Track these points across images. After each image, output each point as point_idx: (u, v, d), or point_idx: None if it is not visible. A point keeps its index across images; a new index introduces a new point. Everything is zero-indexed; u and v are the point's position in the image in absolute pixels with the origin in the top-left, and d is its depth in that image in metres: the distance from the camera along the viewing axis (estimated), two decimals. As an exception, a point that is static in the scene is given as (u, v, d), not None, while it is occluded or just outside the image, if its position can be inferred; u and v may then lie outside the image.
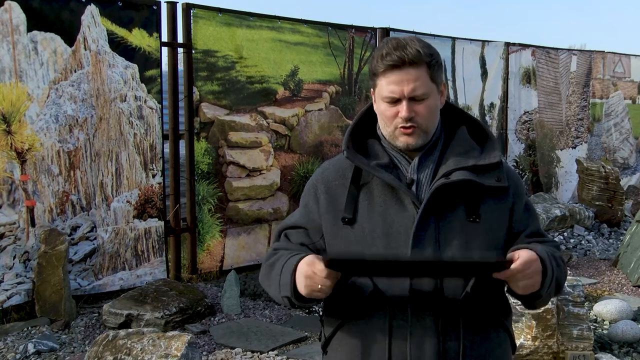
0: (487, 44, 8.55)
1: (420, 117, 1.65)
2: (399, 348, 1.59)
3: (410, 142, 1.67)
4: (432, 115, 1.67)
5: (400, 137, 1.67)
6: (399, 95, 1.63)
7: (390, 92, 1.64)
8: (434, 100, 1.67)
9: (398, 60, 1.61)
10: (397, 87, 1.62)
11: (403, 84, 1.62)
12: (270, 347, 4.18)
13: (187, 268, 5.55)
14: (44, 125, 4.57)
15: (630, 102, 11.18)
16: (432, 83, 1.65)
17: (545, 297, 1.64)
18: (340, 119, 6.53)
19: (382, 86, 1.65)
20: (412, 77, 1.62)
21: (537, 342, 3.70)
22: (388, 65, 1.62)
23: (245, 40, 5.78)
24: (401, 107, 1.64)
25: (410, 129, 1.65)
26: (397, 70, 1.62)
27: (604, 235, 7.69)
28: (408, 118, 1.64)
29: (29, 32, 4.47)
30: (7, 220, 4.45)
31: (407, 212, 1.64)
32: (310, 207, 1.77)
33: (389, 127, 1.68)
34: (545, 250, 1.62)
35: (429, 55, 1.64)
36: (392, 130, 1.68)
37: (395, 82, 1.63)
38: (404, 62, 1.61)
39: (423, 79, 1.63)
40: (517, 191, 1.73)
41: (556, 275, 1.62)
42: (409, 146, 1.67)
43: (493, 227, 1.66)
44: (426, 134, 1.68)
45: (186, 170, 5.50)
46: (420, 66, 1.62)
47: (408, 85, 1.62)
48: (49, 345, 4.06)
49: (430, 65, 1.64)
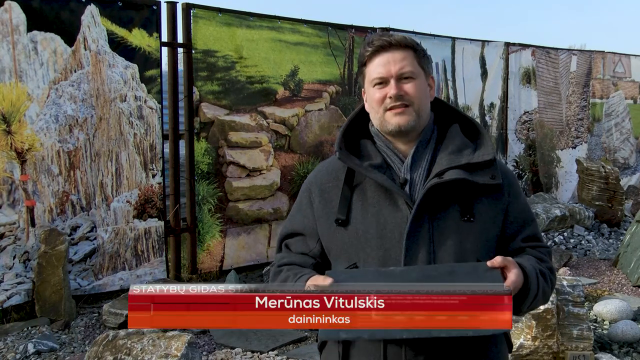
0: (487, 44, 8.55)
1: (410, 95, 1.67)
2: (393, 349, 1.59)
3: (402, 122, 1.67)
4: (422, 94, 1.69)
5: (391, 119, 1.68)
6: (387, 75, 1.67)
7: (378, 74, 1.68)
8: (423, 83, 1.70)
9: (385, 42, 1.67)
10: (384, 68, 1.67)
11: (390, 64, 1.67)
12: (270, 347, 4.18)
13: (187, 268, 5.55)
14: (44, 125, 4.57)
15: (632, 102, 11.19)
16: (420, 68, 1.70)
17: (526, 312, 1.67)
18: (340, 119, 6.53)
19: (371, 71, 1.70)
20: (398, 57, 1.67)
21: (537, 342, 3.70)
22: (375, 47, 1.68)
23: (245, 40, 5.78)
24: (390, 86, 1.66)
25: (401, 108, 1.66)
26: (383, 52, 1.68)
27: (604, 235, 7.69)
28: (397, 95, 1.66)
29: (29, 32, 4.47)
30: (7, 220, 4.45)
31: (400, 212, 1.63)
32: (304, 210, 1.78)
33: (379, 112, 1.69)
34: (533, 267, 1.61)
35: (415, 43, 1.71)
36: (382, 114, 1.69)
37: (383, 64, 1.68)
38: (390, 43, 1.67)
39: (410, 60, 1.68)
40: (512, 190, 1.72)
41: (542, 290, 1.63)
42: (401, 127, 1.67)
43: (487, 227, 1.66)
44: (418, 116, 1.68)
45: (186, 170, 5.50)
46: (407, 49, 1.69)
47: (395, 65, 1.66)
48: (49, 345, 4.06)
49: (417, 51, 1.70)
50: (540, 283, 1.62)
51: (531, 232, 1.73)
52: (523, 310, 1.64)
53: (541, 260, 1.70)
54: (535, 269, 1.61)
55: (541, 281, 1.63)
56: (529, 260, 1.64)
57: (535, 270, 1.61)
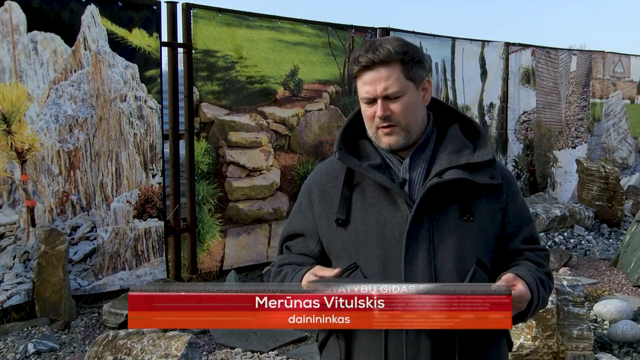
0: (487, 44, 8.55)
1: (397, 114, 1.65)
2: (395, 348, 1.60)
3: (392, 142, 1.68)
4: (409, 112, 1.67)
5: (381, 137, 1.69)
6: (373, 95, 1.65)
7: (366, 93, 1.67)
8: (411, 97, 1.67)
9: (369, 61, 1.64)
10: (371, 87, 1.65)
11: (375, 83, 1.65)
12: (270, 347, 4.18)
13: (187, 268, 5.55)
14: (44, 125, 4.58)
15: (629, 102, 11.19)
16: (408, 81, 1.66)
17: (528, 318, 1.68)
18: (340, 119, 6.53)
19: (360, 88, 1.69)
20: (383, 76, 1.64)
21: (537, 342, 3.70)
22: (361, 66, 1.66)
23: (245, 40, 5.78)
24: (377, 106, 1.66)
25: (389, 128, 1.67)
26: (369, 70, 1.65)
27: (604, 235, 7.70)
28: (383, 117, 1.65)
29: (29, 32, 4.47)
30: (7, 220, 4.45)
31: (400, 212, 1.64)
32: (305, 211, 1.78)
33: (371, 128, 1.70)
34: (534, 278, 1.62)
35: (402, 53, 1.65)
36: (374, 132, 1.70)
37: (369, 83, 1.66)
38: (374, 62, 1.64)
39: (395, 77, 1.64)
40: (510, 190, 1.73)
41: (542, 298, 1.65)
42: (392, 146, 1.68)
43: (486, 226, 1.67)
44: (407, 133, 1.68)
45: (186, 170, 5.50)
46: (392, 65, 1.64)
47: (380, 84, 1.64)
48: (49, 345, 4.06)
49: (404, 62, 1.65)
50: (540, 292, 1.64)
51: (529, 233, 1.74)
52: (525, 318, 1.65)
53: (539, 265, 1.71)
54: (535, 279, 1.62)
55: (541, 290, 1.65)
56: (529, 269, 1.65)
57: (536, 281, 1.62)
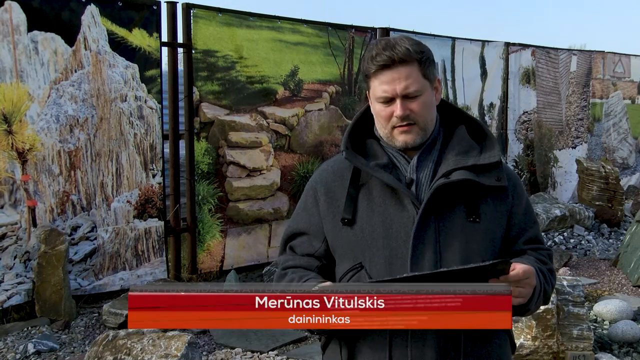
0: (487, 44, 8.55)
1: (416, 113, 1.65)
2: (399, 349, 1.59)
3: (409, 140, 1.67)
4: (427, 111, 1.67)
5: (398, 136, 1.67)
6: (392, 95, 1.63)
7: (384, 92, 1.64)
8: (428, 96, 1.67)
9: (388, 59, 1.62)
10: (389, 86, 1.63)
11: (395, 82, 1.63)
12: (270, 347, 4.19)
13: (187, 268, 5.55)
14: (45, 125, 4.58)
15: (630, 102, 11.20)
16: (425, 79, 1.65)
17: (533, 310, 1.66)
18: (340, 119, 6.54)
19: (375, 87, 1.66)
20: (403, 75, 1.62)
21: (537, 342, 3.70)
22: (379, 65, 1.63)
23: (245, 40, 5.78)
24: (395, 106, 1.64)
25: (408, 127, 1.65)
26: (387, 70, 1.63)
27: (604, 235, 7.70)
28: (403, 116, 1.64)
29: (30, 32, 4.47)
30: (9, 220, 4.45)
31: (406, 212, 1.64)
32: (310, 209, 1.77)
33: (386, 128, 1.68)
34: (537, 267, 1.63)
35: (419, 52, 1.64)
36: (389, 131, 1.68)
37: (387, 82, 1.63)
38: (393, 61, 1.62)
39: (415, 76, 1.63)
40: (516, 192, 1.73)
41: (544, 290, 1.65)
42: (408, 144, 1.67)
43: (492, 228, 1.67)
44: (424, 131, 1.68)
45: (186, 170, 5.51)
46: (411, 63, 1.63)
47: (400, 83, 1.62)
48: (49, 345, 4.07)
49: (421, 62, 1.64)
50: (541, 282, 1.63)
51: (533, 234, 1.75)
52: (531, 309, 1.63)
53: (542, 262, 1.71)
54: (537, 269, 1.62)
55: (542, 280, 1.64)
56: (529, 260, 1.65)
57: (537, 270, 1.62)
